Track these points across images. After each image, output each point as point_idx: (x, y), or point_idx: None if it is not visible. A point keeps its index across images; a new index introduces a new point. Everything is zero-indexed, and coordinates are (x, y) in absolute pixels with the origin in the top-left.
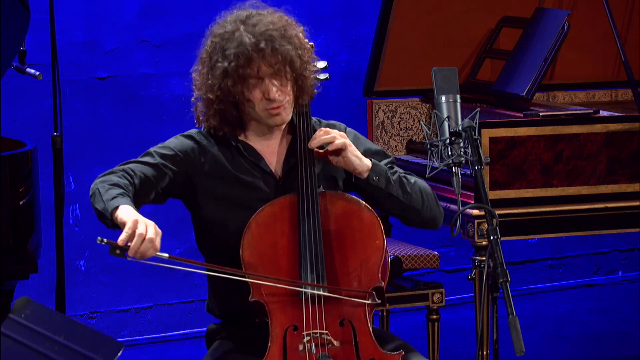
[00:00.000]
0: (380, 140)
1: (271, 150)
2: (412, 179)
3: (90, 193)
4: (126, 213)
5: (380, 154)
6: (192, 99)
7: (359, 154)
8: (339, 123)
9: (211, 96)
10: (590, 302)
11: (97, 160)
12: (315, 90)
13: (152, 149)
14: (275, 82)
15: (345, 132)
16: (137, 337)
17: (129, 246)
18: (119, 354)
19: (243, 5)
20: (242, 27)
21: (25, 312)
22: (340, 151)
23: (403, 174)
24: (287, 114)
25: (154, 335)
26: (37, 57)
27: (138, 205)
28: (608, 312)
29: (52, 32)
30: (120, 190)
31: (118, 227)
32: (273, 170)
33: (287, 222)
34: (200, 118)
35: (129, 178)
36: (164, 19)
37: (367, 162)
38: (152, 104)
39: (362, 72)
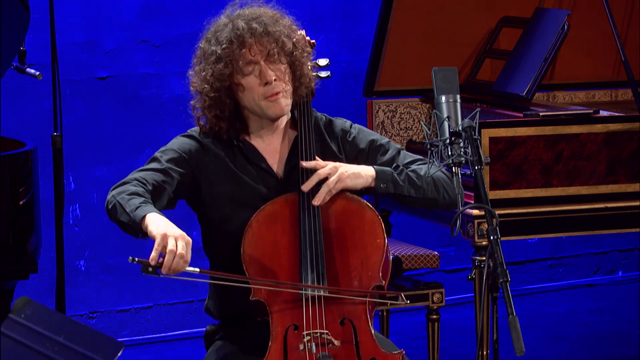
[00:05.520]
0: None
1: (273, 149)
2: (422, 169)
3: (109, 206)
4: (155, 224)
5: (384, 145)
6: (191, 102)
7: (357, 169)
8: (344, 120)
9: (206, 86)
10: (590, 302)
11: (97, 160)
12: (314, 83)
13: (156, 154)
14: (270, 66)
15: (350, 128)
16: (137, 337)
17: (161, 263)
18: (119, 354)
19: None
20: (234, 18)
21: (25, 312)
22: (339, 182)
23: (411, 168)
24: (287, 104)
25: (154, 335)
26: (37, 57)
27: None
28: (608, 312)
29: (52, 32)
30: (141, 199)
31: (147, 236)
32: (275, 170)
33: (287, 220)
34: (199, 117)
35: (144, 186)
36: (164, 19)
37: (370, 173)
38: (152, 104)
39: (362, 72)
